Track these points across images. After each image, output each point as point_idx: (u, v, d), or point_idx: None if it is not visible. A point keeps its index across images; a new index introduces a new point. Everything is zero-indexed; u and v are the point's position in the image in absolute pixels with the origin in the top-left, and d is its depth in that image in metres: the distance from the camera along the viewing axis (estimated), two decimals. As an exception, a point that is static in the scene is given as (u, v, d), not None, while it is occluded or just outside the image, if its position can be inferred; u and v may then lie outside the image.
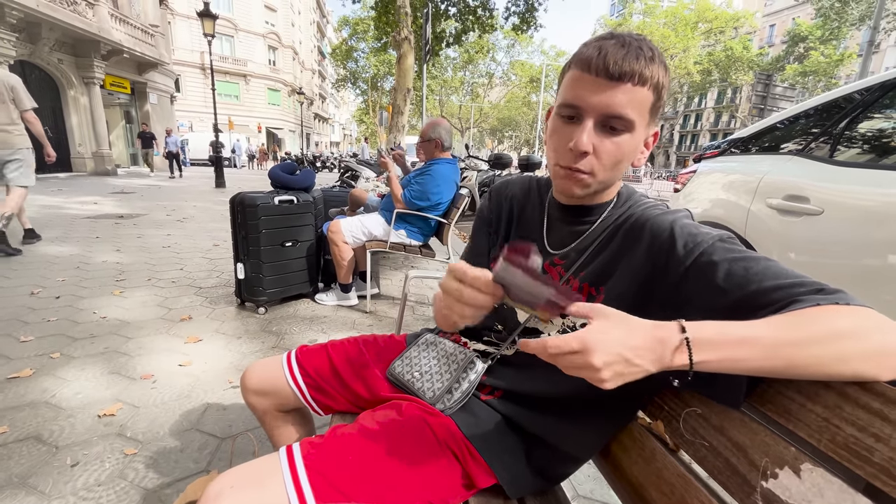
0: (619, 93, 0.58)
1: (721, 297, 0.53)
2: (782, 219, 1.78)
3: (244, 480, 0.62)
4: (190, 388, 1.80)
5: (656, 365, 0.48)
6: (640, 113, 0.60)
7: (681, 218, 0.63)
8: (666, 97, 0.64)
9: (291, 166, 2.85)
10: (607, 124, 0.60)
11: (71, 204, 6.73)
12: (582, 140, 0.60)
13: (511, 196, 0.88)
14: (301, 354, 0.95)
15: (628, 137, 0.61)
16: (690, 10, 29.93)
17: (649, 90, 0.60)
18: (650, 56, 0.58)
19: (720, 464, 0.55)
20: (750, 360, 0.47)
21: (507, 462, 0.73)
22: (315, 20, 48.71)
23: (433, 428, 0.73)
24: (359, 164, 6.77)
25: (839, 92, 1.87)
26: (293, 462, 0.64)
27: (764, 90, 11.22)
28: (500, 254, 0.53)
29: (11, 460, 1.34)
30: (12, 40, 9.68)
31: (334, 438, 0.69)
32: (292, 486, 0.61)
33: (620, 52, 0.57)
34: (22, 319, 2.38)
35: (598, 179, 0.65)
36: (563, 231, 0.76)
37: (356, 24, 28.26)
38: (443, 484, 0.70)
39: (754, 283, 0.51)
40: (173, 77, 17.45)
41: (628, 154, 0.63)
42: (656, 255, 0.61)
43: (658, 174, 31.68)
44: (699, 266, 0.56)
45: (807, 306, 0.47)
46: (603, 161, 0.63)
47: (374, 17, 12.11)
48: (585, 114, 0.61)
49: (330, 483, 0.63)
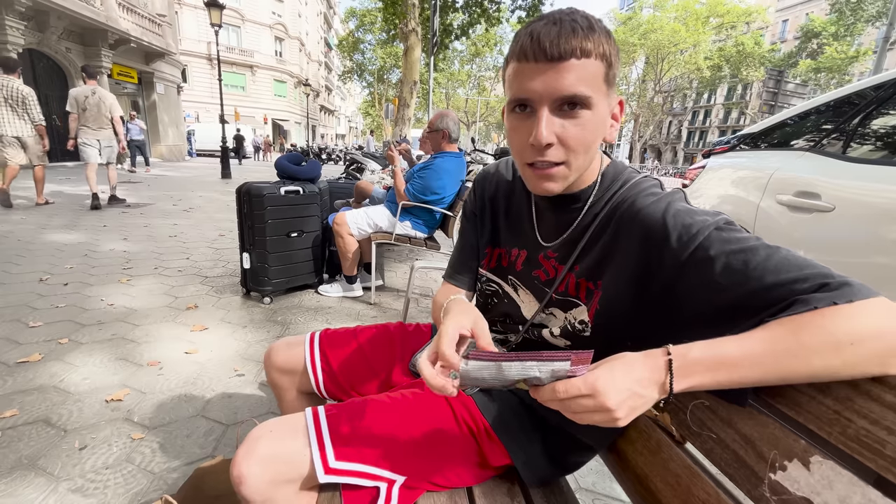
0: (565, 71, 0.54)
1: (721, 293, 0.51)
2: (793, 215, 1.76)
3: (282, 429, 0.66)
4: (196, 375, 1.81)
5: (660, 391, 0.48)
6: (593, 86, 0.55)
7: (674, 204, 0.59)
8: (619, 65, 0.59)
9: (298, 157, 2.85)
10: (563, 107, 0.56)
11: (79, 192, 6.77)
12: (541, 133, 0.56)
13: (496, 185, 0.83)
14: (325, 338, 0.95)
15: (590, 115, 0.57)
16: (702, 5, 29.51)
17: (596, 60, 0.55)
18: (587, 26, 0.54)
19: (727, 456, 0.55)
20: (748, 377, 0.47)
21: (523, 444, 0.74)
22: (322, 11, 48.46)
23: (453, 405, 0.74)
24: (364, 156, 6.77)
25: (852, 88, 1.84)
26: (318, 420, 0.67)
27: (775, 86, 11.07)
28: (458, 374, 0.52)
29: (21, 442, 1.36)
30: (21, 29, 9.70)
31: (357, 404, 0.71)
32: (315, 441, 0.65)
33: (554, 31, 0.53)
34: (31, 305, 2.41)
35: (573, 167, 0.60)
36: (552, 221, 0.72)
37: (363, 16, 28.12)
38: (457, 459, 0.72)
39: (754, 280, 0.49)
40: (180, 67, 17.44)
41: (596, 132, 0.59)
42: (650, 249, 0.58)
43: (666, 170, 31.46)
44: (696, 260, 0.54)
45: (805, 310, 0.45)
46: (571, 146, 0.58)
47: (382, 8, 12.04)
48: (537, 103, 0.56)
49: (350, 444, 0.66)
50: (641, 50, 30.67)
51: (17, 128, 4.87)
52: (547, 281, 0.72)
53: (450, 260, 0.90)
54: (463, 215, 0.91)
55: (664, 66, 30.65)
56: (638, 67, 34.26)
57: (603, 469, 1.44)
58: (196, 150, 21.64)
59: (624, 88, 36.08)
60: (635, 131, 34.54)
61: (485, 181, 0.86)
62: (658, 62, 30.65)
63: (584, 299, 0.67)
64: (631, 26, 30.44)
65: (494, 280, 0.83)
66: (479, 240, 0.85)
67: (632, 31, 30.09)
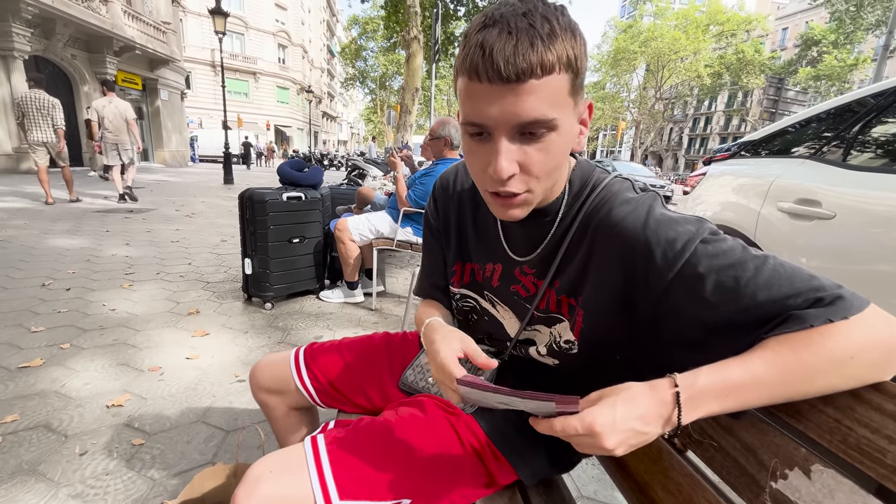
0: (524, 94, 0.46)
1: (712, 311, 0.49)
2: (793, 222, 1.76)
3: (282, 466, 0.63)
4: (197, 380, 1.81)
5: (665, 427, 0.46)
6: (558, 104, 0.48)
7: (653, 213, 0.55)
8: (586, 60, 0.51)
9: (300, 163, 2.86)
10: (525, 133, 0.50)
11: (82, 198, 6.80)
12: (501, 166, 0.50)
13: (459, 196, 0.76)
14: (310, 354, 0.92)
15: (555, 137, 0.50)
16: (702, 13, 29.68)
17: (560, 73, 0.47)
18: (548, 32, 0.46)
19: (728, 464, 0.55)
20: (757, 401, 0.46)
21: (527, 458, 0.73)
22: (325, 19, 48.90)
23: (456, 427, 0.72)
24: (366, 162, 6.79)
25: (852, 96, 1.84)
26: (318, 455, 0.64)
27: (776, 94, 11.12)
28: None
29: (22, 448, 1.36)
30: (27, 35, 9.80)
31: (358, 431, 0.69)
32: (317, 479, 0.62)
33: (510, 45, 0.45)
34: (33, 310, 2.42)
35: (537, 193, 0.55)
36: (522, 236, 0.67)
37: (366, 24, 28.34)
38: (463, 480, 0.70)
39: (746, 297, 0.47)
40: (184, 74, 17.59)
41: (562, 153, 0.53)
42: (633, 265, 0.55)
43: (667, 177, 31.50)
44: (684, 278, 0.51)
45: (802, 328, 0.44)
46: (535, 173, 0.52)
47: (384, 16, 12.14)
48: (494, 130, 0.49)
49: (353, 477, 0.63)
50: (642, 57, 30.83)
51: (47, 134, 5.58)
52: (528, 297, 0.69)
53: (419, 274, 0.87)
54: (426, 228, 0.84)
55: (665, 73, 30.78)
56: (639, 75, 34.39)
57: (604, 477, 1.43)
58: (199, 156, 21.76)
59: (625, 95, 36.22)
60: (636, 138, 34.61)
61: (445, 191, 0.79)
62: (659, 70, 30.78)
63: (566, 314, 0.65)
64: (631, 34, 30.61)
65: (470, 296, 0.79)
66: (445, 256, 0.81)
67: (632, 39, 30.26)
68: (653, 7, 31.71)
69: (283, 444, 1.01)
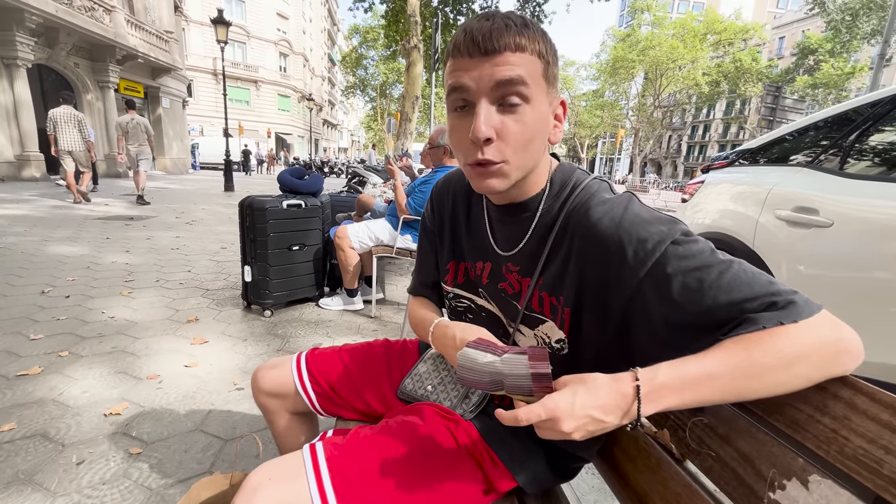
0: (500, 62, 0.54)
1: (678, 311, 0.52)
2: (791, 230, 1.76)
3: (280, 474, 0.63)
4: (195, 389, 1.81)
5: (624, 419, 0.49)
6: (532, 78, 0.55)
7: (628, 214, 0.58)
8: (556, 60, 0.59)
9: (301, 171, 2.88)
10: (503, 100, 0.55)
11: (82, 205, 6.82)
12: (480, 127, 0.55)
13: (453, 199, 0.81)
14: (311, 359, 0.94)
15: (529, 109, 0.56)
16: (699, 22, 29.95)
17: (532, 56, 0.55)
18: (521, 24, 0.55)
19: (727, 474, 0.55)
20: (710, 397, 0.49)
21: (526, 464, 0.74)
22: (326, 28, 49.35)
23: (455, 434, 0.73)
24: (366, 169, 6.82)
25: (849, 104, 1.86)
26: (317, 463, 0.64)
27: (773, 102, 11.19)
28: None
29: (18, 457, 1.35)
30: (31, 44, 9.89)
31: (357, 440, 0.69)
32: (316, 487, 0.62)
33: (486, 26, 0.54)
34: (32, 318, 2.41)
35: (514, 165, 0.59)
36: (505, 231, 0.71)
37: (366, 33, 28.60)
38: (463, 490, 0.70)
39: (709, 299, 0.50)
40: (186, 82, 17.70)
41: (536, 128, 0.58)
42: (606, 264, 0.58)
43: (665, 184, 31.60)
44: (653, 278, 0.54)
45: (754, 330, 0.47)
46: (511, 143, 0.57)
47: (385, 25, 12.25)
48: (475, 94, 0.56)
49: (352, 486, 0.63)
50: (640, 66, 31.07)
51: (76, 143, 6.74)
52: (514, 294, 0.71)
53: (413, 274, 0.91)
54: (422, 229, 0.88)
55: (663, 81, 31.00)
56: (637, 83, 34.63)
57: (604, 487, 1.42)
58: (200, 164, 21.84)
59: (624, 103, 36.44)
60: (635, 145, 34.77)
61: (441, 194, 0.84)
62: (657, 78, 31.01)
63: (549, 314, 0.66)
64: (630, 43, 30.87)
65: (464, 296, 0.81)
66: (438, 257, 0.85)
67: (630, 48, 30.52)
68: (651, 16, 32.03)
69: (282, 450, 1.01)
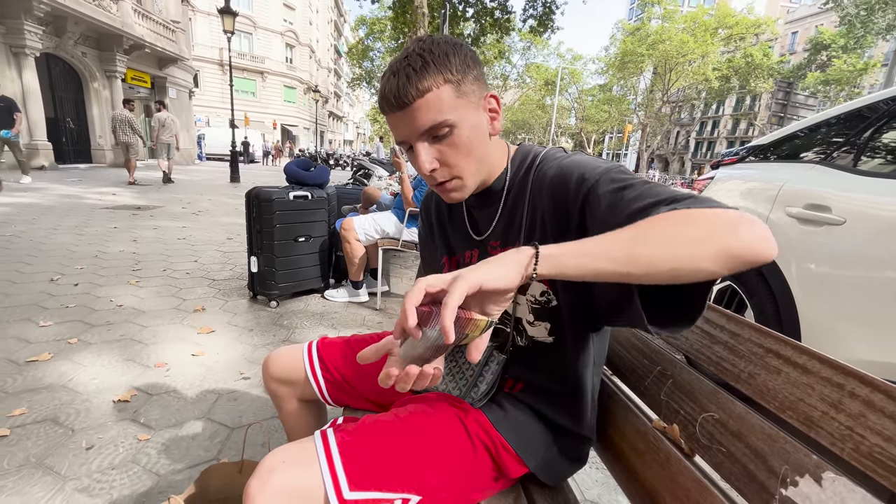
0: (415, 112, 0.61)
1: (606, 228, 0.53)
2: (802, 228, 1.74)
3: (293, 458, 0.64)
4: (202, 377, 1.82)
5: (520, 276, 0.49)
6: (447, 109, 0.61)
7: (573, 157, 0.66)
8: (468, 70, 0.63)
9: (307, 163, 2.88)
10: (433, 135, 0.63)
11: (90, 194, 6.87)
12: (422, 164, 0.64)
13: (437, 204, 0.90)
14: (322, 347, 0.95)
15: (458, 131, 0.63)
16: (710, 16, 29.46)
17: (439, 88, 0.61)
18: (420, 66, 0.60)
19: (738, 470, 0.55)
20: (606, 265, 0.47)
21: (537, 449, 0.74)
22: (332, 19, 49.08)
23: (464, 421, 0.74)
24: (372, 162, 6.81)
25: (864, 101, 1.83)
26: (328, 449, 0.65)
27: (784, 98, 11.06)
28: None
29: (29, 441, 1.37)
30: (39, 33, 9.91)
31: (367, 427, 0.70)
32: (329, 472, 0.63)
33: (393, 83, 0.61)
34: (41, 305, 2.44)
35: (466, 175, 0.67)
36: (482, 216, 0.79)
37: (373, 24, 28.37)
38: (474, 476, 0.71)
39: (628, 209, 0.53)
40: (192, 72, 17.70)
41: (471, 140, 0.65)
42: (558, 203, 0.64)
43: (673, 181, 31.32)
44: (589, 201, 0.59)
45: (655, 214, 0.50)
46: (453, 162, 0.65)
47: (392, 17, 12.17)
48: (409, 139, 0.64)
49: (363, 471, 0.64)
50: (649, 60, 30.66)
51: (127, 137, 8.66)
52: None
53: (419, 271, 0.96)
54: (419, 235, 0.96)
55: (672, 76, 30.58)
56: (646, 78, 34.20)
57: (609, 481, 1.42)
58: (206, 154, 21.89)
59: (631, 98, 36.06)
60: (643, 141, 34.41)
61: (428, 204, 0.92)
62: (666, 73, 30.58)
63: None
64: (639, 37, 30.41)
65: None
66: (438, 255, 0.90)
67: (640, 42, 30.07)
68: (661, 10, 31.54)
69: (291, 437, 1.02)
